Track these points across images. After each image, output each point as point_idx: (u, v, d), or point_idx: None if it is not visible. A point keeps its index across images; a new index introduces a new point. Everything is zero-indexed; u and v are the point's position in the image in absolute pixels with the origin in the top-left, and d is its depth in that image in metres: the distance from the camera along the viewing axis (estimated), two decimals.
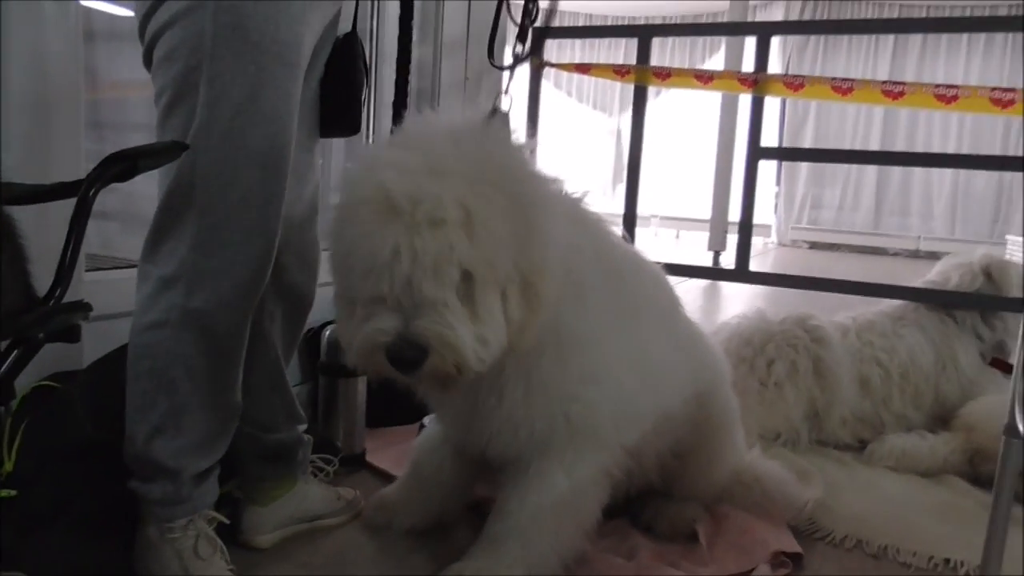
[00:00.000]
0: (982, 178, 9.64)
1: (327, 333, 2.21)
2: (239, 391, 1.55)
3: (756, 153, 2.89)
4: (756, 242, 7.45)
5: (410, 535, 1.78)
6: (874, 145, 9.94)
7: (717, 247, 7.38)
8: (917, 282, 2.88)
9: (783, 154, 6.02)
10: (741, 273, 3.03)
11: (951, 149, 9.70)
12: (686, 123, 10.00)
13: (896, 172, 10.22)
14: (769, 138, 6.88)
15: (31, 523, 1.49)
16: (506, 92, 1.64)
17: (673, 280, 1.86)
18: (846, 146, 9.91)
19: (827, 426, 2.55)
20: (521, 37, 1.79)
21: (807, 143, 10.20)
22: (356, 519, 1.88)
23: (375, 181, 1.26)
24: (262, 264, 1.46)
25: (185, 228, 1.40)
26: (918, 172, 10.12)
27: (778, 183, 10.55)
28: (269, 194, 1.43)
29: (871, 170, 10.23)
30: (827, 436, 2.56)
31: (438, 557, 1.67)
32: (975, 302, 2.72)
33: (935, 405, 2.67)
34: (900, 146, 9.92)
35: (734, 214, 5.20)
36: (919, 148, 9.78)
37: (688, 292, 5.22)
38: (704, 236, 7.91)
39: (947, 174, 9.89)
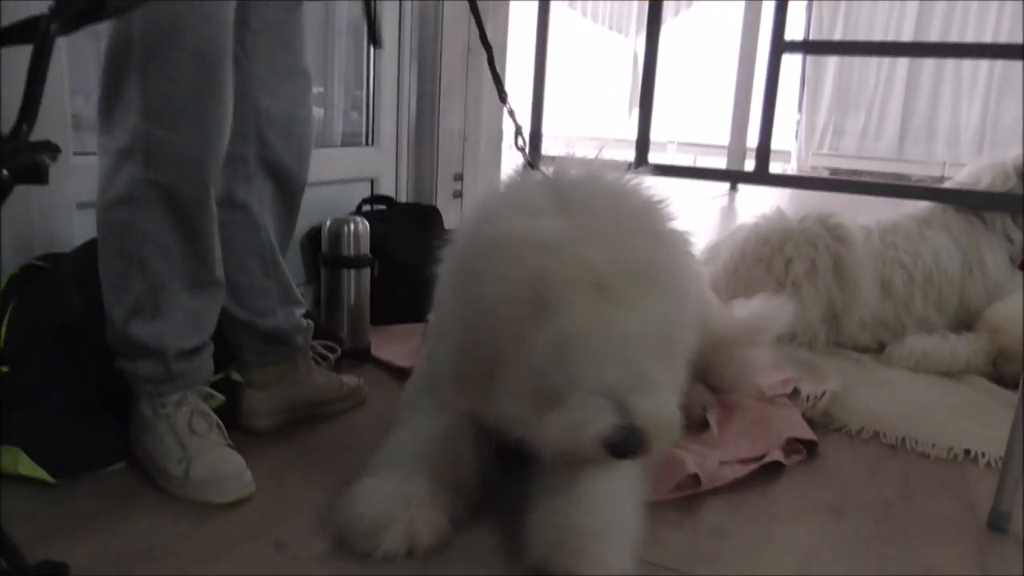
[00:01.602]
0: (1012, 106, 9.31)
1: (328, 224, 2.14)
2: (219, 267, 1.50)
3: (780, 46, 2.74)
4: (775, 168, 7.26)
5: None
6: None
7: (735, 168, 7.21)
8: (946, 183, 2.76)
9: (808, 47, 5.73)
10: (761, 175, 2.91)
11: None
12: (705, 46, 9.70)
13: (923, 98, 9.89)
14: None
15: (22, 399, 1.45)
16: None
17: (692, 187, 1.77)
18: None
19: (846, 328, 2.46)
20: None
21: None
22: (359, 406, 1.85)
23: (570, 258, 1.11)
24: (217, 130, 1.37)
25: (131, 92, 1.31)
26: (946, 99, 9.77)
27: (800, 110, 10.27)
28: (218, 52, 1.32)
29: (897, 96, 9.90)
30: (845, 338, 2.48)
31: None
32: (1007, 203, 2.60)
33: (959, 309, 2.58)
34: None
35: (752, 140, 5.03)
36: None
37: (709, 204, 5.11)
38: (722, 161, 7.73)
39: (976, 101, 9.56)
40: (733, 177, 3.25)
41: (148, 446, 1.46)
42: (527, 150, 1.48)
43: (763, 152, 2.91)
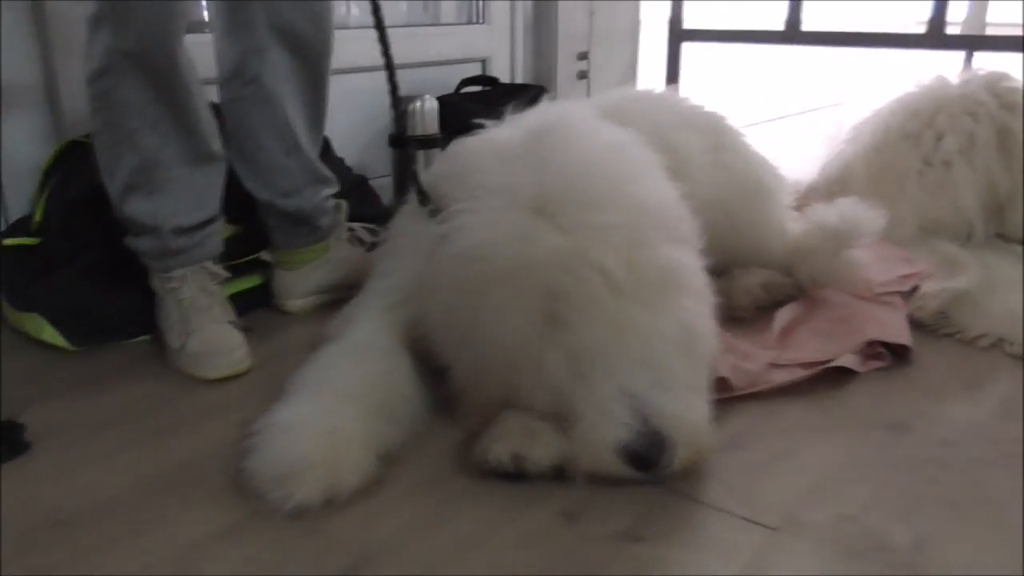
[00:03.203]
0: None
1: None
2: (215, 141, 1.45)
3: None
4: None
5: None
6: None
7: None
8: None
9: None
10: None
11: None
12: None
13: None
14: None
15: (46, 268, 1.52)
16: None
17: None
18: None
19: (1013, 217, 1.99)
20: None
21: None
22: None
23: (575, 254, 1.04)
24: None
25: None
26: None
27: None
28: None
29: None
30: (1013, 230, 2.00)
31: None
32: None
33: None
34: None
35: None
36: None
37: None
38: None
39: None
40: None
41: (159, 319, 1.48)
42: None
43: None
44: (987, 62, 2.29)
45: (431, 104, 2.04)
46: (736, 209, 1.62)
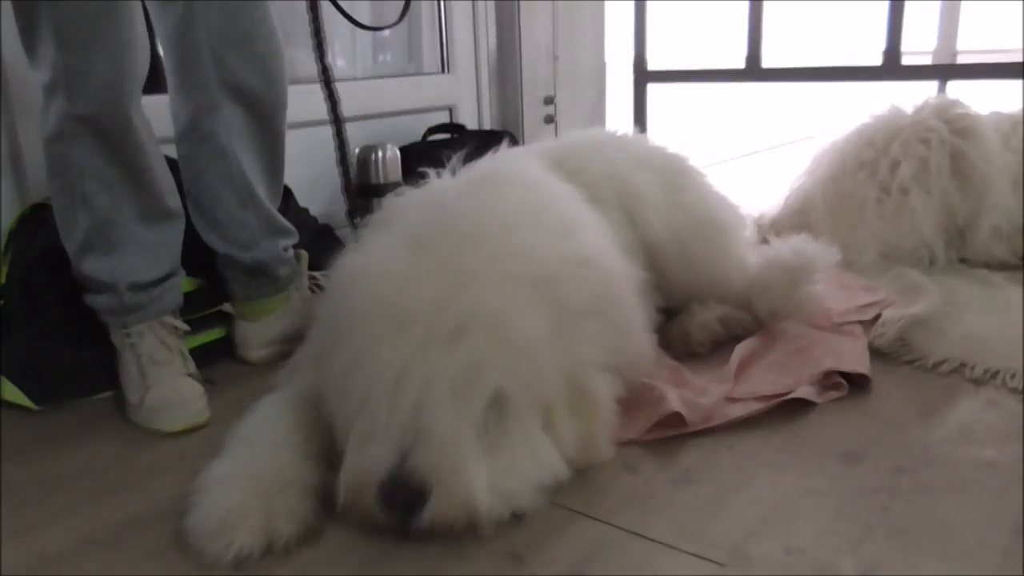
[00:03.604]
0: None
1: (356, 152, 2.07)
2: (171, 197, 1.48)
3: None
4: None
5: None
6: None
7: None
8: None
9: None
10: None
11: None
12: None
13: None
14: None
15: (8, 328, 1.52)
16: None
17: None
18: None
19: (973, 240, 2.02)
20: None
21: None
22: None
23: (375, 290, 1.04)
24: (127, 54, 1.33)
25: (43, 23, 1.29)
26: None
27: None
28: None
29: None
30: (975, 253, 2.03)
31: None
32: None
33: None
34: None
35: None
36: None
37: None
38: None
39: None
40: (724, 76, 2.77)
41: (119, 374, 1.48)
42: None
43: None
44: (962, 91, 2.34)
45: (392, 153, 2.07)
46: (693, 247, 1.64)
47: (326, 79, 1.50)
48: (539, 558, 0.99)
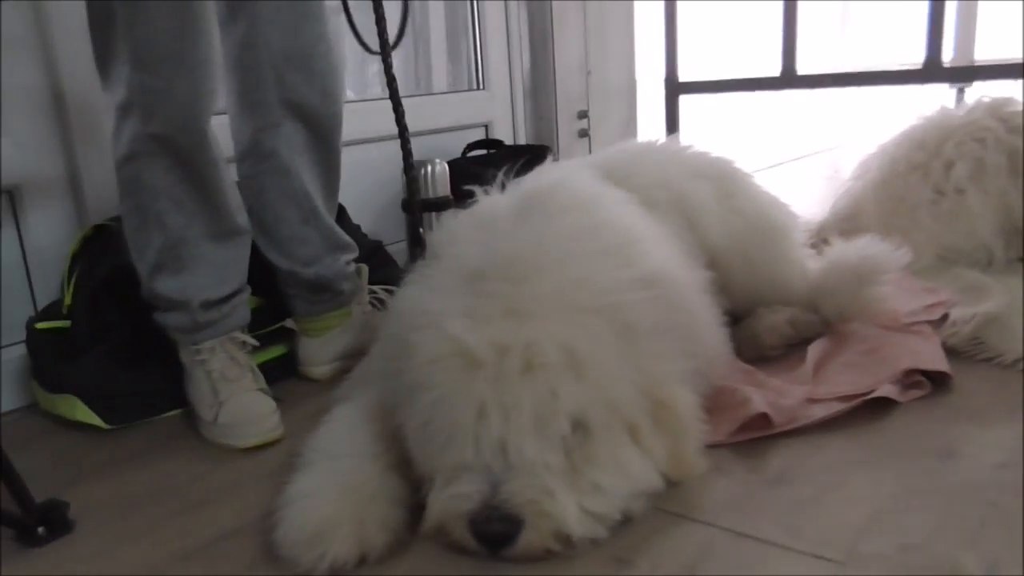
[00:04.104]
0: None
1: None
2: (240, 215, 1.48)
3: None
4: None
5: None
6: None
7: None
8: None
9: None
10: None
11: None
12: None
13: None
14: None
15: (76, 350, 1.52)
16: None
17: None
18: None
19: None
20: None
21: None
22: None
23: (443, 335, 1.03)
24: (203, 71, 1.33)
25: (119, 44, 1.30)
26: None
27: None
28: None
29: None
30: None
31: None
32: None
33: None
34: None
35: None
36: None
37: None
38: None
39: None
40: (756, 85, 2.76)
41: (190, 392, 1.48)
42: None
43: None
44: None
45: (441, 167, 2.07)
46: (753, 252, 1.62)
47: (392, 91, 1.50)
48: (646, 561, 0.98)
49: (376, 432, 1.13)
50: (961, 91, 5.05)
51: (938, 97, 2.32)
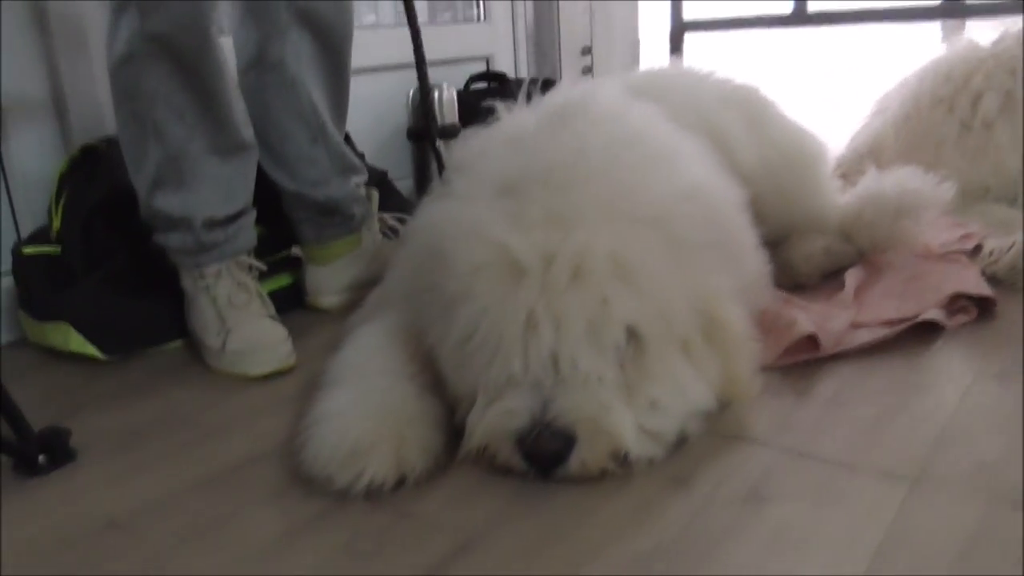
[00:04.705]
0: None
1: (411, 94, 1.97)
2: (245, 129, 1.37)
3: None
4: None
5: None
6: None
7: None
8: None
9: None
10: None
11: None
12: None
13: None
14: None
15: (69, 276, 1.42)
16: None
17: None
18: None
19: None
20: None
21: None
22: None
23: (485, 242, 0.94)
24: None
25: None
26: None
27: None
28: None
29: None
30: None
31: None
32: None
33: None
34: None
35: None
36: None
37: None
38: None
39: None
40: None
41: (193, 320, 1.38)
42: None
43: None
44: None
45: (450, 93, 1.97)
46: (787, 181, 1.55)
47: (410, 13, 1.40)
48: (706, 482, 0.91)
49: (409, 353, 1.05)
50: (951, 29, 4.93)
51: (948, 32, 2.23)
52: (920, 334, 1.27)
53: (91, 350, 1.37)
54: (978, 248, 1.60)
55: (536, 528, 0.85)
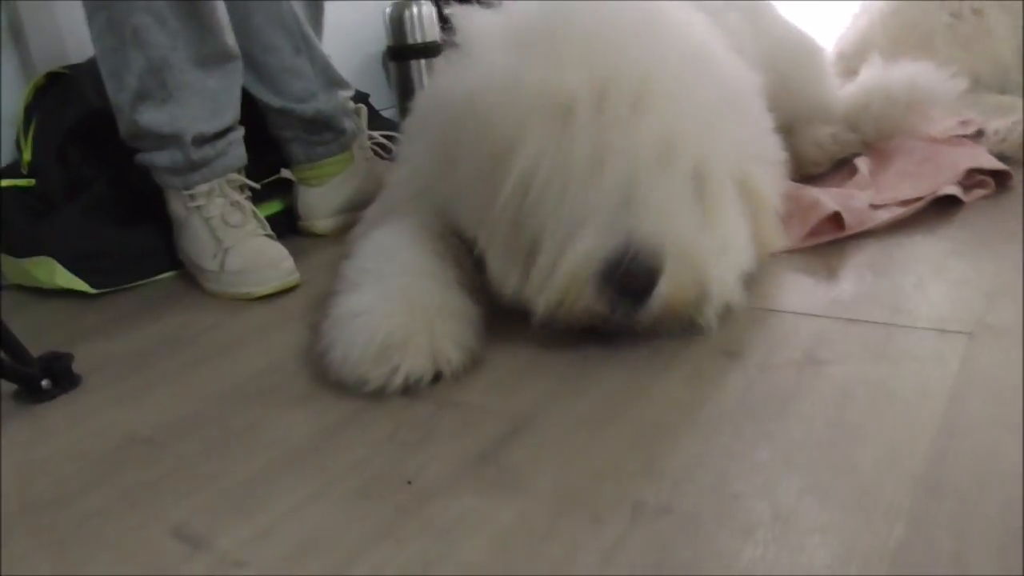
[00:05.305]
0: None
1: (388, 10, 1.88)
2: (229, 36, 1.28)
3: None
4: None
5: None
6: None
7: None
8: None
9: None
10: None
11: None
12: None
13: None
14: None
15: (47, 208, 1.33)
16: None
17: None
18: None
19: None
20: None
21: None
22: None
23: (528, 82, 0.88)
24: None
25: None
26: None
27: None
28: None
29: None
30: None
31: None
32: None
33: None
34: None
35: None
36: None
37: None
38: None
39: None
40: None
41: (185, 245, 1.31)
42: None
43: None
44: None
45: (428, 9, 1.88)
46: (788, 71, 1.50)
47: None
48: (758, 352, 0.88)
49: (434, 250, 0.99)
50: None
51: None
52: (941, 210, 1.25)
53: (80, 284, 1.29)
54: (979, 133, 1.58)
55: (589, 406, 0.81)
